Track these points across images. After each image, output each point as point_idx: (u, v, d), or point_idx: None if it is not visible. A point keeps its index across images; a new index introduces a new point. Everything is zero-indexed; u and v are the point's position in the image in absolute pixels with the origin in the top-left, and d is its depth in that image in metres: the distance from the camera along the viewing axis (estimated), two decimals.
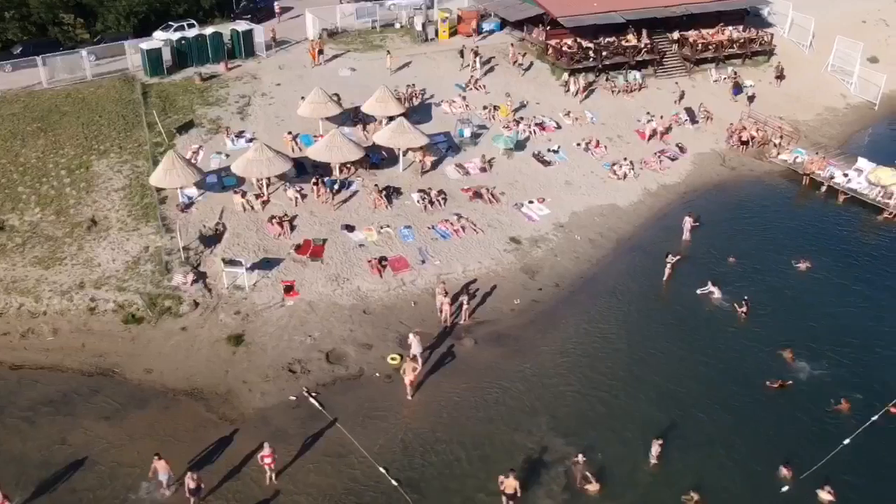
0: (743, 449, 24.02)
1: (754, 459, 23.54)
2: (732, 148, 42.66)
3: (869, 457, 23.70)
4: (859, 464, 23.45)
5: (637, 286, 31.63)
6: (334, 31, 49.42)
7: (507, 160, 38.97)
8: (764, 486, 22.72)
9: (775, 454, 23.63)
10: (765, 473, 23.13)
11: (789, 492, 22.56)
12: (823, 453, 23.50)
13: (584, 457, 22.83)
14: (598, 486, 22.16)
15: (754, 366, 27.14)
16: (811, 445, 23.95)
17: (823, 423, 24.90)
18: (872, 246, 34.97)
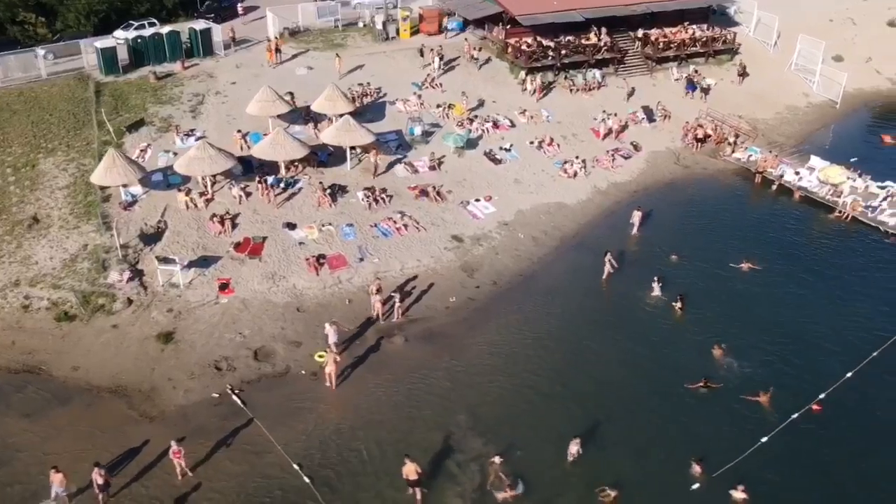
0: (662, 446, 23.98)
1: (672, 457, 23.49)
2: (687, 146, 42.60)
3: (787, 455, 23.65)
4: (777, 462, 23.40)
5: (575, 284, 31.60)
6: (296, 29, 49.40)
7: (458, 159, 38.98)
8: (677, 484, 22.65)
9: (694, 451, 23.52)
10: (680, 471, 23.06)
11: (701, 489, 22.47)
12: (741, 451, 23.44)
13: (500, 458, 22.77)
14: (511, 494, 22.00)
15: (683, 363, 27.08)
16: (730, 443, 23.88)
17: (744, 422, 24.82)
18: (819, 245, 34.90)
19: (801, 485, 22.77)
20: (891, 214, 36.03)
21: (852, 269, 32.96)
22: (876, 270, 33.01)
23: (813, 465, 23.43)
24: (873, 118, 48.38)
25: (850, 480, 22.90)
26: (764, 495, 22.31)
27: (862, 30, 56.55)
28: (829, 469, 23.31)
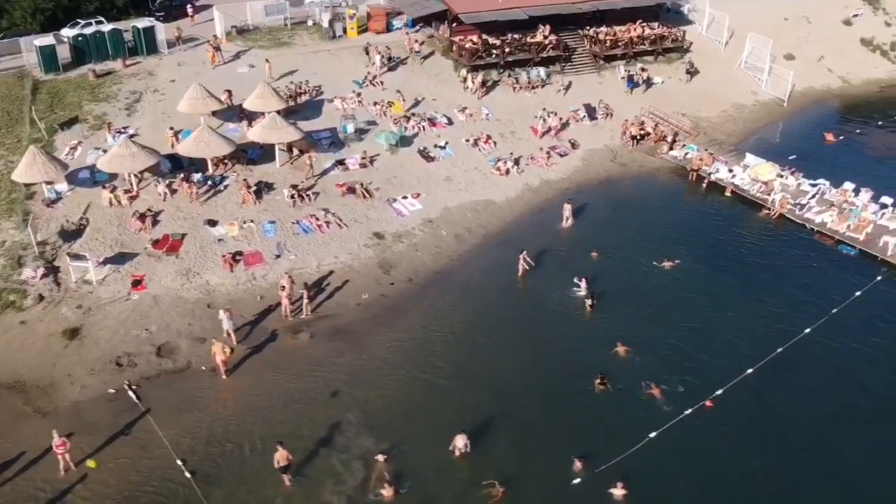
0: (552, 442, 24.02)
1: (559, 453, 23.47)
2: (625, 144, 42.60)
3: (673, 451, 23.68)
4: (662, 458, 23.43)
5: (490, 281, 31.65)
6: (245, 28, 49.45)
7: (392, 156, 39.03)
8: (560, 481, 22.66)
9: (584, 447, 23.58)
10: (566, 467, 23.06)
11: (583, 486, 22.49)
12: (630, 447, 23.47)
13: (384, 456, 22.82)
14: (393, 492, 21.99)
15: (586, 360, 27.06)
16: (621, 439, 23.87)
17: (637, 418, 24.83)
18: (744, 243, 34.88)
19: (683, 481, 22.84)
20: (818, 212, 36.01)
21: (773, 267, 32.97)
22: (796, 268, 33.02)
23: (697, 461, 23.53)
24: (820, 116, 48.31)
25: (731, 478, 22.97)
26: (645, 492, 22.33)
27: (816, 28, 56.52)
28: (712, 466, 23.38)
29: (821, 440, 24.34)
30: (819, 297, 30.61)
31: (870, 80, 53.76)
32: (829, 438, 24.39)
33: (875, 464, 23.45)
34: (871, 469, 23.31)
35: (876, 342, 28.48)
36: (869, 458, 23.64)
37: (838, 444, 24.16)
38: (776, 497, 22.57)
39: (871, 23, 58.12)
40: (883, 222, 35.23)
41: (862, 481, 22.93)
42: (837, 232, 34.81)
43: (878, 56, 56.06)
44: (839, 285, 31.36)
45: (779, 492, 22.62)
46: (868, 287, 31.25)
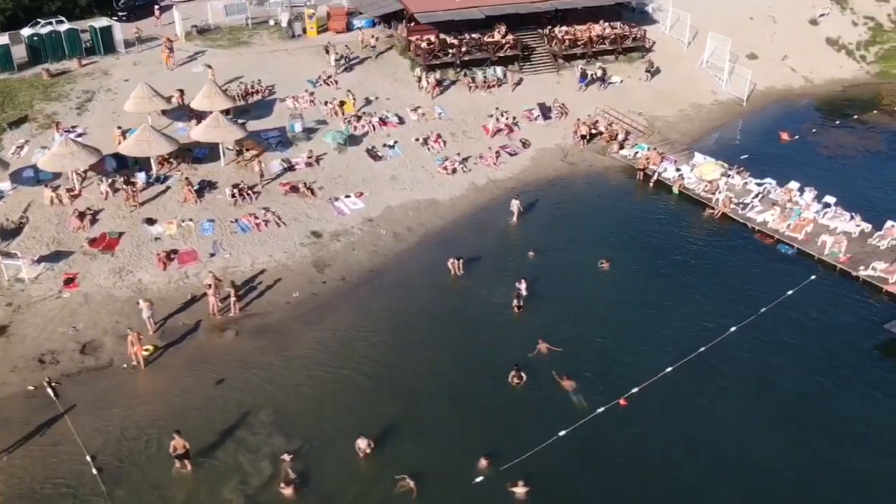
0: (463, 440, 24.03)
1: (469, 450, 23.47)
2: (577, 143, 42.65)
3: (581, 450, 23.71)
4: (569, 456, 23.46)
5: (424, 280, 31.75)
6: (205, 28, 49.65)
7: (339, 155, 39.16)
8: (465, 479, 22.69)
9: (495, 444, 23.64)
10: (472, 465, 23.11)
11: (486, 483, 22.53)
12: (537, 445, 23.54)
13: (290, 455, 22.86)
14: (293, 491, 22.06)
15: (507, 359, 26.95)
16: (531, 436, 23.86)
17: (550, 415, 24.83)
18: (685, 243, 34.80)
19: (586, 480, 22.85)
20: (759, 212, 36.01)
21: (710, 266, 32.97)
22: (732, 268, 33.00)
23: (602, 460, 23.51)
24: (779, 116, 48.15)
25: (634, 478, 22.88)
26: (547, 490, 22.38)
27: (782, 28, 56.41)
28: (617, 466, 23.35)
29: (730, 440, 24.28)
30: (750, 296, 30.59)
31: (833, 79, 53.68)
32: (738, 438, 24.32)
33: (783, 465, 23.41)
34: (778, 470, 23.27)
35: (799, 342, 28.48)
36: (777, 459, 23.60)
37: (748, 445, 24.09)
38: (678, 497, 22.53)
39: (838, 22, 58.01)
40: (824, 221, 35.24)
41: (768, 482, 22.87)
42: (777, 231, 34.82)
43: (843, 56, 55.97)
44: (772, 284, 31.33)
45: (681, 492, 22.58)
46: (800, 286, 31.24)
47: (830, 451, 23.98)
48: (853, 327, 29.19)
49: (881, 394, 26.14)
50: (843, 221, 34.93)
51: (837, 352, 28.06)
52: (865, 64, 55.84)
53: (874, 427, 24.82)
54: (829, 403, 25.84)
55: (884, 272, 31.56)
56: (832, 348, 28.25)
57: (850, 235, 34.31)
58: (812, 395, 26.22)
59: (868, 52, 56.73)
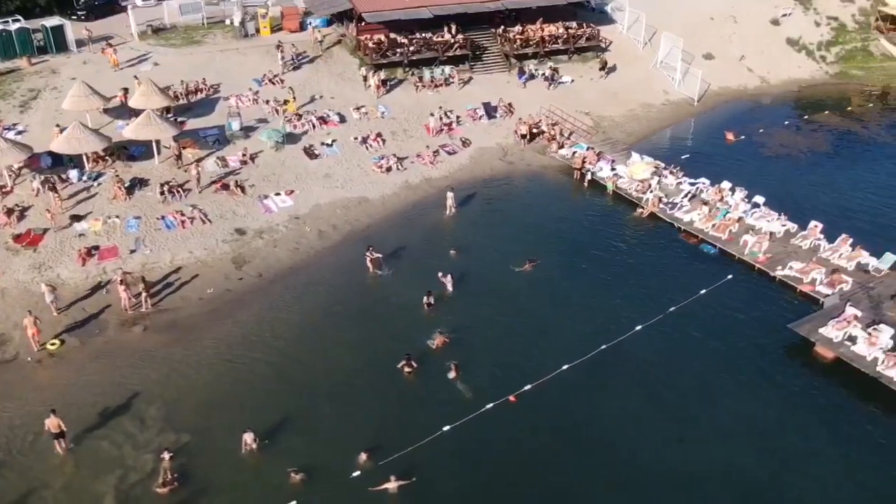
0: (350, 435, 24.15)
1: (353, 445, 23.64)
2: (517, 142, 42.80)
3: (462, 446, 23.87)
4: (450, 452, 23.65)
5: (341, 277, 32.03)
6: (161, 27, 50.11)
7: (276, 153, 39.48)
8: (344, 473, 22.92)
9: (379, 439, 23.86)
10: (353, 460, 23.34)
11: (361, 478, 22.71)
12: (421, 439, 23.75)
13: (170, 455, 22.88)
14: (168, 490, 22.22)
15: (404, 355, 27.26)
16: (414, 431, 24.06)
17: (438, 410, 25.02)
18: (610, 243, 34.79)
19: (462, 477, 23.00)
20: (686, 211, 36.04)
21: (630, 266, 32.99)
22: (652, 267, 33.03)
23: (483, 457, 23.61)
24: (728, 116, 48.08)
25: (512, 476, 22.96)
26: (423, 486, 22.50)
27: (742, 28, 56.32)
28: (497, 463, 23.46)
29: (617, 438, 24.38)
30: (663, 295, 30.64)
31: (790, 79, 53.61)
32: (627, 436, 24.41)
33: (669, 463, 23.48)
34: (664, 467, 23.36)
35: (703, 341, 28.55)
36: (664, 457, 23.69)
37: (635, 442, 24.15)
38: (556, 495, 22.62)
39: (801, 22, 57.89)
40: (751, 221, 35.24)
41: (653, 481, 22.94)
42: (702, 231, 34.85)
43: (803, 56, 55.85)
44: (688, 284, 31.35)
45: (561, 491, 22.66)
46: (715, 286, 31.28)
47: (718, 450, 24.02)
48: (761, 327, 29.19)
49: (775, 393, 26.19)
50: (769, 221, 34.90)
51: (741, 351, 28.11)
52: (825, 64, 55.70)
53: (765, 427, 24.86)
54: (723, 402, 25.88)
55: (799, 272, 31.56)
56: (736, 348, 28.30)
57: (775, 235, 34.31)
58: (707, 394, 26.28)
59: (829, 52, 56.59)
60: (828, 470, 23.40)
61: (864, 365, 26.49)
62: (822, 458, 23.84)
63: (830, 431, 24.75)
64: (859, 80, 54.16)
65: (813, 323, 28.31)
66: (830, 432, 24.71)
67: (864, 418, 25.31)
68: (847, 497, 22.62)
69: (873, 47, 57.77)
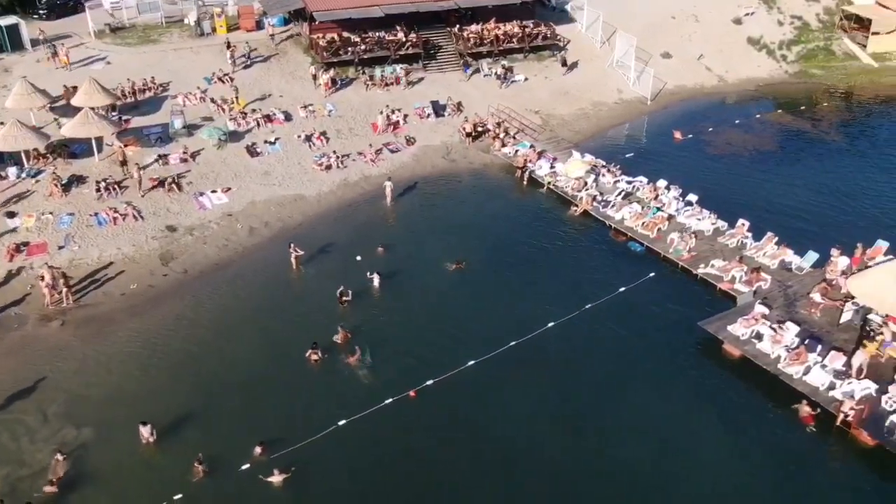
0: (249, 427, 24.35)
1: (253, 437, 23.80)
2: (462, 141, 43.02)
3: (357, 441, 24.12)
4: (343, 446, 23.91)
5: (265, 274, 32.34)
6: (119, 26, 50.57)
7: (218, 151, 39.84)
8: (234, 466, 23.22)
9: (277, 433, 24.14)
10: (248, 452, 23.64)
11: (250, 471, 22.95)
12: (316, 433, 24.04)
13: (63, 456, 23.00)
14: (54, 489, 22.36)
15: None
16: (311, 425, 24.35)
17: (337, 404, 25.23)
18: (540, 240, 34.75)
19: (352, 471, 23.19)
20: (618, 209, 36.17)
21: (556, 263, 33.10)
22: (578, 265, 33.16)
23: (378, 451, 23.80)
24: (680, 115, 48.06)
25: (401, 473, 23.13)
26: (309, 480, 22.77)
27: (703, 27, 56.35)
28: (389, 457, 23.69)
29: (515, 434, 24.43)
30: (583, 292, 30.74)
31: (748, 78, 53.58)
32: (524, 433, 24.47)
33: (564, 460, 23.68)
34: (559, 464, 23.56)
35: (614, 338, 28.67)
36: (560, 454, 23.90)
37: (533, 439, 24.31)
38: (445, 492, 22.77)
39: (763, 21, 57.84)
40: (681, 219, 35.36)
41: (548, 477, 23.09)
42: (631, 229, 34.98)
43: (764, 55, 55.79)
44: (609, 282, 31.47)
45: (451, 487, 22.81)
46: (635, 284, 31.41)
47: (612, 446, 24.18)
48: (676, 324, 29.27)
49: (680, 390, 26.30)
50: (699, 220, 35.02)
51: (652, 348, 28.25)
52: (786, 63, 55.65)
53: (662, 424, 24.95)
54: (625, 399, 26.00)
55: (720, 270, 31.67)
56: (648, 345, 28.45)
57: (704, 233, 34.40)
58: (610, 391, 26.43)
59: (790, 51, 56.52)
60: (719, 465, 23.52)
61: (767, 362, 26.60)
62: (716, 453, 23.96)
63: (728, 428, 24.86)
64: (818, 80, 54.07)
65: (722, 321, 28.42)
66: (728, 429, 24.82)
67: (764, 415, 25.43)
68: (738, 490, 22.72)
69: (836, 46, 57.65)
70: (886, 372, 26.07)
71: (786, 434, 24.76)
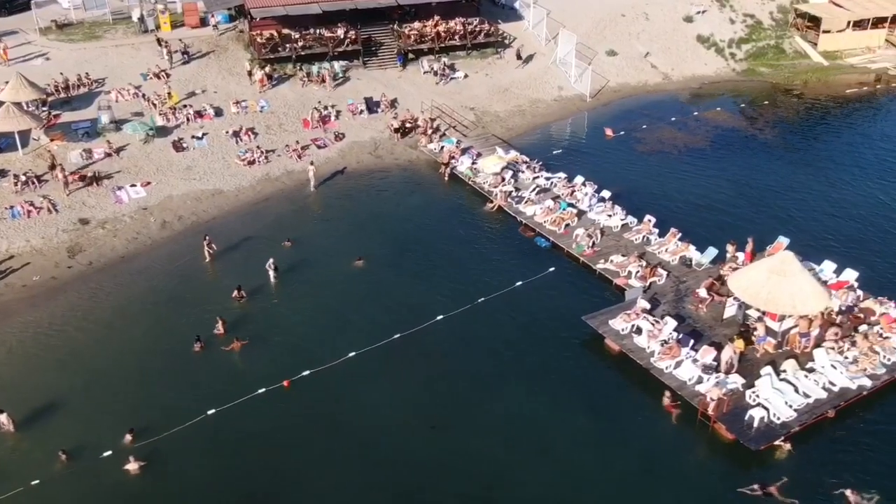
0: (121, 416, 24.87)
1: (124, 426, 24.28)
2: (391, 137, 43.30)
3: (226, 429, 24.51)
4: (213, 434, 24.33)
5: (168, 267, 32.78)
6: (66, 23, 51.10)
7: (144, 146, 40.27)
8: (95, 454, 23.62)
9: (147, 421, 24.57)
10: (118, 440, 24.04)
11: (112, 458, 23.38)
12: (186, 421, 24.44)
13: None
14: None
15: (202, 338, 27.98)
16: (181, 413, 24.76)
17: (212, 393, 25.64)
18: (451, 235, 35.07)
19: (212, 460, 23.62)
20: (530, 205, 36.35)
21: (461, 258, 33.28)
22: (482, 259, 33.32)
23: (242, 439, 24.20)
24: (617, 112, 48.12)
25: (263, 461, 23.51)
26: (167, 469, 23.18)
27: (653, 25, 56.35)
28: (251, 446, 24.03)
29: (373, 426, 24.77)
30: (479, 286, 30.96)
31: (693, 76, 53.60)
32: (382, 426, 24.77)
33: (426, 453, 24.00)
34: (420, 457, 23.87)
35: (501, 333, 28.86)
36: (424, 447, 24.25)
37: (386, 433, 24.54)
38: (297, 484, 23.04)
39: (715, 20, 57.77)
40: (592, 215, 35.51)
41: (408, 470, 23.41)
42: (540, 224, 35.16)
43: (713, 53, 55.75)
44: (508, 276, 31.65)
45: (302, 477, 23.11)
46: (532, 279, 31.64)
47: (476, 440, 24.38)
48: (566, 319, 29.38)
49: (555, 385, 26.43)
50: (609, 216, 35.18)
51: (538, 342, 28.45)
52: (734, 62, 55.61)
53: (531, 418, 25.19)
54: (497, 393, 26.22)
55: (617, 266, 31.83)
56: (534, 339, 28.67)
57: (612, 229, 34.58)
58: (486, 384, 26.66)
59: (739, 49, 56.47)
60: (577, 458, 23.76)
61: (641, 357, 26.78)
62: (576, 447, 24.19)
63: (595, 421, 25.11)
64: (765, 78, 54.01)
65: (605, 316, 28.59)
66: (595, 422, 25.08)
67: (633, 408, 25.67)
68: (590, 483, 23.03)
69: (787, 45, 57.56)
70: (761, 367, 26.15)
71: (651, 428, 24.93)
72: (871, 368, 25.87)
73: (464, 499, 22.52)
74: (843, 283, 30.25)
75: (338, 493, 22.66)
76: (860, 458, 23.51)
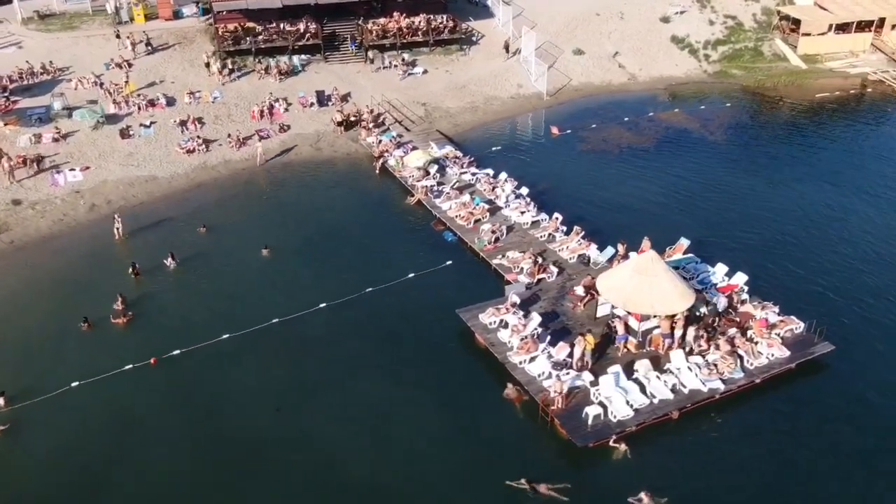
0: None
1: None
2: (334, 130, 44.12)
3: (88, 402, 25.57)
4: (72, 407, 25.43)
5: (87, 246, 34.19)
6: (48, 13, 53.34)
7: (92, 132, 41.91)
8: None
9: (22, 387, 25.86)
10: None
11: None
12: (50, 392, 25.67)
13: None
14: None
15: (100, 316, 29.14)
16: (48, 383, 25.96)
17: (80, 366, 26.72)
18: (366, 229, 35.47)
19: (66, 434, 24.48)
20: (446, 200, 36.72)
21: (368, 250, 33.66)
22: (388, 252, 33.63)
23: (102, 415, 25.08)
24: (572, 111, 48.05)
25: (121, 437, 24.35)
26: (23, 435, 24.37)
27: (627, 24, 56.03)
28: (110, 422, 24.87)
29: (225, 409, 25.28)
30: (372, 277, 31.40)
31: (661, 77, 53.10)
32: (235, 409, 25.30)
33: (267, 445, 24.47)
34: (259, 449, 24.28)
35: (379, 323, 29.11)
36: (262, 438, 24.67)
37: (238, 417, 25.08)
38: (145, 465, 23.71)
39: (694, 21, 57.16)
40: (506, 212, 35.73)
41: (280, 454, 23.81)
42: (451, 219, 35.51)
43: (686, 54, 55.15)
44: (403, 267, 31.96)
45: (151, 458, 23.82)
46: (426, 271, 32.00)
47: (326, 428, 24.64)
48: (446, 312, 29.31)
49: (418, 378, 26.53)
50: (522, 213, 35.34)
51: (413, 335, 28.60)
52: (707, 63, 54.90)
53: (385, 411, 25.40)
54: (356, 382, 26.50)
55: (511, 262, 32.02)
56: (410, 331, 28.87)
57: (521, 226, 34.76)
58: (350, 374, 26.92)
59: (715, 51, 55.73)
60: (419, 447, 24.01)
61: (499, 351, 26.96)
62: (420, 436, 24.36)
63: (445, 413, 25.17)
64: (736, 80, 53.18)
65: (477, 310, 28.82)
66: (445, 413, 25.15)
67: (486, 402, 25.78)
68: (428, 470, 23.34)
69: (766, 47, 56.52)
70: (622, 364, 26.13)
71: (494, 420, 25.06)
72: (728, 372, 25.57)
73: (299, 475, 22.87)
74: (733, 286, 29.87)
75: (173, 470, 23.26)
76: (688, 462, 23.32)
